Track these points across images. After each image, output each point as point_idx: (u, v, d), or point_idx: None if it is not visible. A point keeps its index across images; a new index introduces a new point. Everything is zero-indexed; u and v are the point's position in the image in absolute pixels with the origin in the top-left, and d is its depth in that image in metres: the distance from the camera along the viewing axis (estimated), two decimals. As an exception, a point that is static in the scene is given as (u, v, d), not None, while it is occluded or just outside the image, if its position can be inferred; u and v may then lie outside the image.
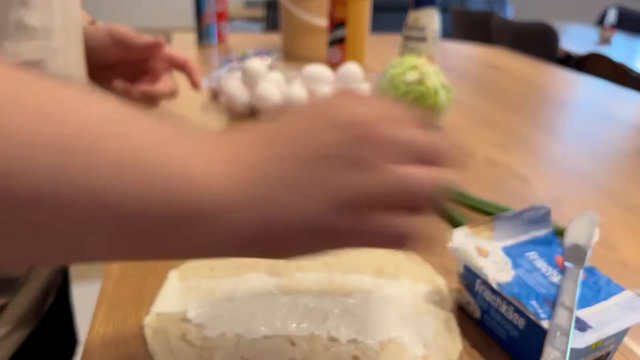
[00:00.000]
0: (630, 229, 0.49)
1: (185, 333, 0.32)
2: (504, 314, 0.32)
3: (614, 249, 0.46)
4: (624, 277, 0.42)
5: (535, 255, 0.36)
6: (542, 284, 0.33)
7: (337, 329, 0.33)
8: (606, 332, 0.29)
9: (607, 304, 0.31)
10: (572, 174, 0.62)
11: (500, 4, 3.73)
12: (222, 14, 1.32)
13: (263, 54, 1.11)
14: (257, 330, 0.33)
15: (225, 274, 0.38)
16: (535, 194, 0.56)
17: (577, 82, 1.14)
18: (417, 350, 0.32)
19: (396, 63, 0.72)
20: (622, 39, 2.45)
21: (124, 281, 0.38)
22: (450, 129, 0.76)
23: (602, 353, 0.31)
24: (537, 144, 0.72)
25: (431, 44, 0.89)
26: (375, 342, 0.32)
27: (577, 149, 0.70)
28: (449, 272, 0.41)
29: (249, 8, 5.22)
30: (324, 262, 0.40)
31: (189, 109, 0.80)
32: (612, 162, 0.66)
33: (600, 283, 0.33)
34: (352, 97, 0.25)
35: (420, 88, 0.68)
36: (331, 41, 1.05)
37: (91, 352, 0.32)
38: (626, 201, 0.55)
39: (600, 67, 1.75)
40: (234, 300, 0.35)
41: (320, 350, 0.31)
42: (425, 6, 0.86)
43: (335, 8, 1.01)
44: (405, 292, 0.37)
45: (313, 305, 0.35)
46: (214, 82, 0.85)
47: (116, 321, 0.34)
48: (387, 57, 1.27)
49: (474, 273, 0.34)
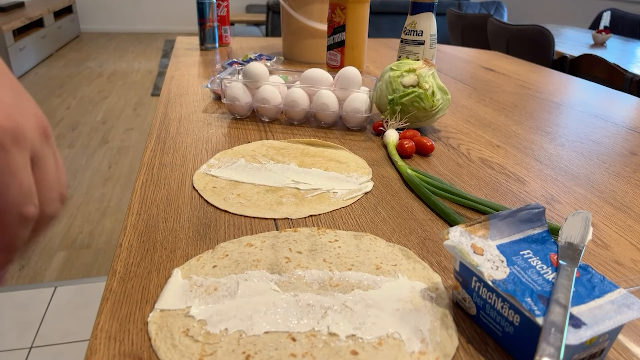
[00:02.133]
0: (623, 228, 0.50)
1: (188, 329, 0.33)
2: (500, 311, 0.33)
3: (607, 248, 0.47)
4: (617, 275, 0.43)
5: (530, 254, 0.36)
6: (536, 282, 0.33)
7: (336, 325, 0.34)
8: (600, 329, 0.30)
9: (601, 301, 0.32)
10: (567, 174, 0.63)
11: (497, 7, 3.75)
12: (224, 18, 1.33)
13: (264, 58, 1.12)
14: (259, 326, 0.33)
15: (227, 272, 0.39)
16: (530, 193, 0.57)
17: (572, 84, 1.16)
18: (414, 346, 0.33)
19: (394, 66, 0.73)
20: (617, 42, 2.47)
21: (128, 278, 0.39)
22: (447, 129, 0.77)
23: (597, 350, 0.32)
24: (532, 144, 0.72)
25: (428, 47, 0.90)
26: (374, 338, 0.33)
27: (571, 150, 0.71)
28: (445, 269, 0.42)
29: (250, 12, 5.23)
30: (324, 260, 0.41)
31: (193, 110, 0.81)
32: (606, 162, 0.67)
33: (594, 281, 0.34)
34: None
35: (418, 90, 0.69)
36: (330, 45, 1.06)
37: (96, 348, 0.32)
38: (619, 200, 0.56)
39: (595, 68, 1.76)
40: (236, 297, 0.36)
41: (320, 345, 0.32)
42: (423, 11, 0.87)
43: (335, 12, 1.02)
44: (403, 289, 0.38)
45: (313, 302, 0.36)
46: (217, 85, 0.86)
47: (120, 318, 0.35)
48: (385, 60, 1.28)
49: (470, 270, 0.35)
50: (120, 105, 3.26)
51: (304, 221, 0.48)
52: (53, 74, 3.94)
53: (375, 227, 0.48)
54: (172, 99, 0.87)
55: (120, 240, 0.44)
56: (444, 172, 0.62)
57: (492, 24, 2.36)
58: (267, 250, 0.42)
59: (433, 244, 0.46)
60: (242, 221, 0.48)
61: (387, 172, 0.61)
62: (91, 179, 2.24)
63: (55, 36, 4.70)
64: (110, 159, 2.45)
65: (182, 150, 0.65)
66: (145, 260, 0.41)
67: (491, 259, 0.35)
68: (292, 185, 0.55)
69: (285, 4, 1.15)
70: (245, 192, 0.53)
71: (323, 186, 0.55)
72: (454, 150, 0.69)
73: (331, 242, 0.44)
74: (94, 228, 1.85)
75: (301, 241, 0.44)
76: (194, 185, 0.54)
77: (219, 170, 0.58)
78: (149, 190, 0.53)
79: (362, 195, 0.54)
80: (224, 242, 0.44)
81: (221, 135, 0.70)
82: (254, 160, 0.61)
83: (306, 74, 0.76)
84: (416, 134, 0.68)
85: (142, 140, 2.68)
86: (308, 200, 0.52)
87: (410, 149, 0.65)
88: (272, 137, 0.71)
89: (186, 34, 5.88)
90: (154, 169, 0.59)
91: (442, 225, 0.49)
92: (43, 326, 1.37)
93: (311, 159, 0.62)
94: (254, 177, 0.56)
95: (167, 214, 0.49)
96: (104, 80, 3.82)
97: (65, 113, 3.06)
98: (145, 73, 4.07)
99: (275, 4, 3.24)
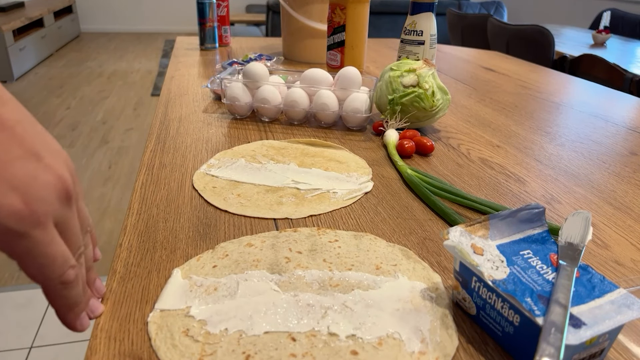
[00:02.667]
0: (623, 228, 0.50)
1: (188, 329, 0.33)
2: (500, 311, 0.33)
3: (607, 248, 0.47)
4: (617, 275, 0.43)
5: (530, 254, 0.36)
6: (536, 282, 0.33)
7: (336, 325, 0.34)
8: (600, 329, 0.30)
9: (601, 301, 0.32)
10: (567, 174, 0.63)
11: (497, 7, 3.75)
12: (224, 18, 1.33)
13: (264, 58, 1.12)
14: (259, 326, 0.33)
15: (227, 272, 0.39)
16: (530, 193, 0.57)
17: (572, 84, 1.16)
18: (414, 346, 0.33)
19: (394, 66, 0.73)
20: (617, 42, 2.47)
21: (128, 278, 0.39)
22: (447, 129, 0.77)
23: (597, 350, 0.32)
24: (532, 144, 0.72)
25: (428, 47, 0.90)
26: (373, 338, 0.33)
27: (571, 150, 0.71)
28: (445, 269, 0.42)
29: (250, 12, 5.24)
30: (324, 260, 0.41)
31: (193, 110, 0.81)
32: (606, 162, 0.67)
33: (594, 281, 0.34)
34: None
35: (417, 90, 0.69)
36: (330, 45, 1.06)
37: (96, 348, 0.32)
38: (619, 200, 0.56)
39: (595, 68, 1.76)
40: (236, 297, 0.36)
41: (320, 345, 0.32)
42: (423, 11, 0.87)
43: (335, 12, 1.02)
44: (403, 289, 0.38)
45: (313, 302, 0.36)
46: (217, 85, 0.86)
47: (120, 318, 0.35)
48: (385, 60, 1.28)
49: (470, 270, 0.35)
50: (120, 105, 3.26)
51: (304, 221, 0.48)
52: (53, 74, 3.94)
53: (375, 227, 0.48)
54: (172, 99, 0.87)
55: (120, 240, 0.44)
56: (444, 172, 0.62)
57: (492, 24, 2.36)
58: (267, 250, 0.42)
59: (433, 244, 0.46)
60: (242, 221, 0.48)
61: (387, 172, 0.61)
62: (91, 179, 2.24)
63: (55, 36, 4.70)
64: (110, 159, 2.45)
65: (182, 150, 0.65)
66: (145, 260, 0.41)
67: (491, 259, 0.35)
68: (292, 185, 0.55)
69: (285, 4, 1.15)
70: (245, 192, 0.53)
71: (323, 186, 0.55)
72: (454, 150, 0.69)
73: (331, 242, 0.44)
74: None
75: (301, 241, 0.44)
76: (194, 185, 0.54)
77: (219, 170, 0.58)
78: (149, 190, 0.53)
79: (362, 195, 0.54)
80: (224, 242, 0.44)
81: (221, 135, 0.70)
82: (254, 160, 0.61)
83: (306, 74, 0.76)
84: (416, 134, 0.68)
85: (142, 140, 2.68)
86: (308, 200, 0.52)
87: (410, 149, 0.65)
88: (272, 137, 0.71)
89: (186, 34, 5.88)
90: (154, 169, 0.59)
91: (442, 225, 0.49)
92: (43, 326, 1.37)
93: (311, 159, 0.62)
94: (254, 177, 0.56)
95: (167, 214, 0.49)
96: (104, 80, 3.82)
97: (65, 113, 3.06)
98: (145, 73, 4.07)
99: (275, 4, 3.24)
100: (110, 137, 2.73)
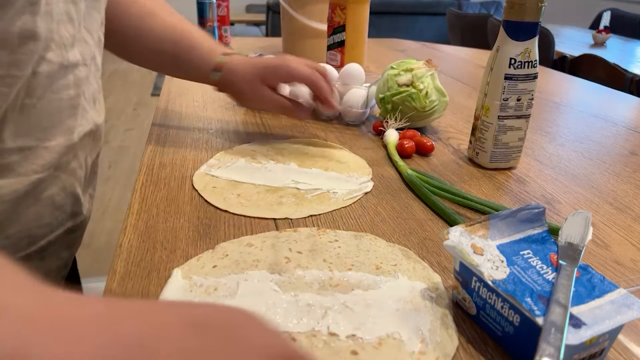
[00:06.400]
0: (623, 228, 0.50)
1: (188, 329, 0.33)
2: (500, 311, 0.33)
3: (607, 248, 0.47)
4: (617, 275, 0.43)
5: (530, 254, 0.36)
6: (536, 282, 0.33)
7: (336, 325, 0.34)
8: (600, 329, 0.30)
9: (601, 301, 0.32)
10: (567, 174, 0.63)
11: (497, 7, 3.75)
12: (224, 18, 1.33)
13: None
14: (259, 327, 0.33)
15: (227, 272, 0.39)
16: (530, 193, 0.57)
17: (572, 84, 1.16)
18: (414, 346, 0.33)
19: (395, 65, 0.73)
20: (617, 42, 2.47)
21: (128, 279, 0.39)
22: (447, 129, 0.77)
23: (597, 350, 0.32)
24: (532, 144, 0.72)
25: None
26: (373, 338, 0.33)
27: (571, 150, 0.71)
28: (445, 269, 0.42)
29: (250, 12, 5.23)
30: (324, 260, 0.41)
31: (193, 110, 0.81)
32: (606, 162, 0.67)
33: (594, 281, 0.34)
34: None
35: (410, 90, 0.69)
36: (330, 45, 1.06)
37: (96, 348, 0.32)
38: (620, 201, 0.56)
39: (595, 68, 1.76)
40: (236, 297, 0.36)
41: (320, 345, 0.32)
42: (532, 35, 0.58)
43: (335, 12, 1.02)
44: (403, 289, 0.38)
45: (313, 302, 0.36)
46: None
47: (120, 318, 0.35)
48: (385, 60, 1.28)
49: (470, 270, 0.35)
50: (120, 105, 3.26)
51: (304, 221, 0.48)
52: (53, 74, 3.94)
53: (375, 227, 0.48)
54: (172, 99, 0.87)
55: (120, 240, 0.44)
56: (444, 172, 0.62)
57: (492, 24, 2.37)
58: (267, 250, 0.42)
59: (433, 244, 0.46)
60: (242, 221, 0.48)
61: (387, 172, 0.61)
62: (91, 179, 2.24)
63: (55, 36, 4.69)
64: (110, 159, 2.45)
65: (182, 150, 0.65)
66: (145, 260, 0.41)
67: (491, 259, 0.35)
68: (292, 185, 0.55)
69: (285, 4, 1.15)
70: (245, 192, 0.53)
71: (323, 186, 0.55)
72: (454, 150, 0.69)
73: (331, 242, 0.44)
74: (94, 228, 1.85)
75: (301, 241, 0.44)
76: (194, 185, 0.54)
77: (219, 170, 0.58)
78: (149, 190, 0.53)
79: (362, 195, 0.54)
80: (224, 242, 0.44)
81: (221, 135, 0.70)
82: (254, 160, 0.61)
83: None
84: (416, 134, 0.68)
85: (142, 140, 2.68)
86: (308, 200, 0.52)
87: (410, 149, 0.65)
88: (272, 137, 0.71)
89: (186, 34, 5.85)
90: (154, 169, 0.59)
91: (442, 225, 0.49)
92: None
93: (311, 159, 0.62)
94: (254, 177, 0.56)
95: (167, 214, 0.49)
96: (104, 80, 3.81)
97: (65, 113, 3.06)
98: (145, 73, 4.07)
99: (275, 4, 3.24)
100: (110, 137, 2.73)
